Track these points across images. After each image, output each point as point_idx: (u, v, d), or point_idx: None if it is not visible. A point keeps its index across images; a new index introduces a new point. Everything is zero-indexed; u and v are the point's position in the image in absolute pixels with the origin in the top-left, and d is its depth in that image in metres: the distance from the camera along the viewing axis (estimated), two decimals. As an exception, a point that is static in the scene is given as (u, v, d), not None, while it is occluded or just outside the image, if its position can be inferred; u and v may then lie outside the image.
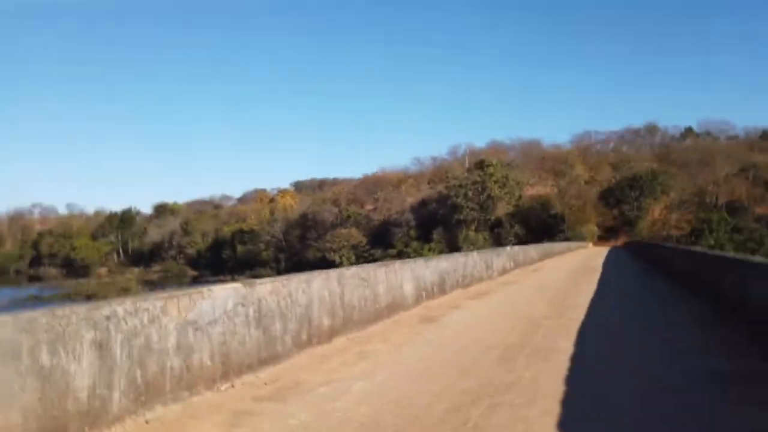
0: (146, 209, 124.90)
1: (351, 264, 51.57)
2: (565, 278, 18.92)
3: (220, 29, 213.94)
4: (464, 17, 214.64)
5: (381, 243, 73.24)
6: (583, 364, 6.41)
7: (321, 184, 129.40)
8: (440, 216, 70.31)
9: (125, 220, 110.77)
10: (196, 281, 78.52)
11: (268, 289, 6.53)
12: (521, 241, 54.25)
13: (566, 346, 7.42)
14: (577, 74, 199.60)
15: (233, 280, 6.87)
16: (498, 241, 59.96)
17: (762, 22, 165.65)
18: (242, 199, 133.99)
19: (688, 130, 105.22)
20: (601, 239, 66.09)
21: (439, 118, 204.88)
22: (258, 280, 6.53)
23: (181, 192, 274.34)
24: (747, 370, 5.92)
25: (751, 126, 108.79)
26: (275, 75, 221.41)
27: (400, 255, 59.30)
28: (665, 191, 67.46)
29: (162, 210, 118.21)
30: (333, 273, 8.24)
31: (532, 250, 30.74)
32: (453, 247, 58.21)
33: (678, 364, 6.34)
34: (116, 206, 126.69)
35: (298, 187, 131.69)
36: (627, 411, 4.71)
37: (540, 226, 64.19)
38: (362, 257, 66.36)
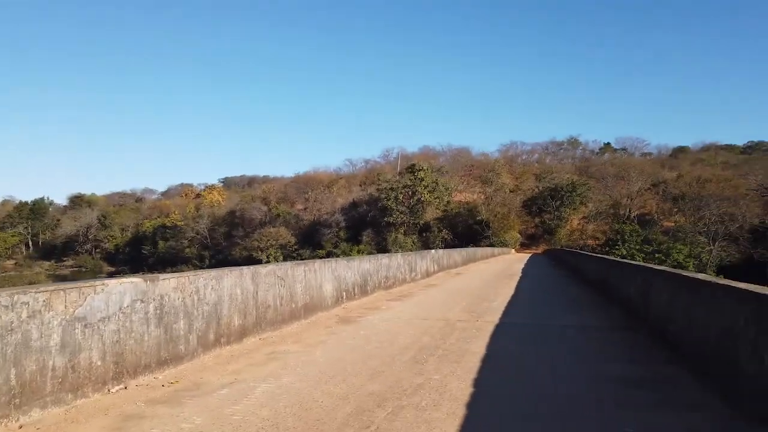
0: (61, 200, 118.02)
1: (277, 263, 50.56)
2: (487, 282, 19.30)
3: (151, 14, 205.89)
4: (410, 23, 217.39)
5: (310, 243, 72.56)
6: (494, 367, 6.46)
7: (251, 182, 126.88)
8: (370, 218, 70.52)
9: (36, 210, 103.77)
10: (113, 277, 74.66)
11: (172, 284, 6.17)
12: (448, 246, 55.30)
13: (479, 348, 7.48)
14: (506, 88, 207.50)
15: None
16: (426, 245, 60.83)
17: (677, 52, 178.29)
18: (166, 194, 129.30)
19: (607, 146, 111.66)
20: (523, 246, 68.47)
21: (372, 122, 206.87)
22: (161, 275, 6.15)
23: (101, 184, 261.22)
24: (657, 375, 6.10)
25: (663, 144, 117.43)
26: (206, 69, 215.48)
27: (329, 256, 58.92)
28: (583, 202, 70.94)
29: (78, 201, 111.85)
30: (247, 270, 7.92)
31: (457, 254, 31.26)
32: (382, 249, 58.49)
33: (588, 368, 6.48)
34: (27, 196, 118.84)
35: (227, 183, 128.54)
36: (533, 415, 4.74)
37: (466, 231, 65.71)
38: (290, 257, 65.46)
